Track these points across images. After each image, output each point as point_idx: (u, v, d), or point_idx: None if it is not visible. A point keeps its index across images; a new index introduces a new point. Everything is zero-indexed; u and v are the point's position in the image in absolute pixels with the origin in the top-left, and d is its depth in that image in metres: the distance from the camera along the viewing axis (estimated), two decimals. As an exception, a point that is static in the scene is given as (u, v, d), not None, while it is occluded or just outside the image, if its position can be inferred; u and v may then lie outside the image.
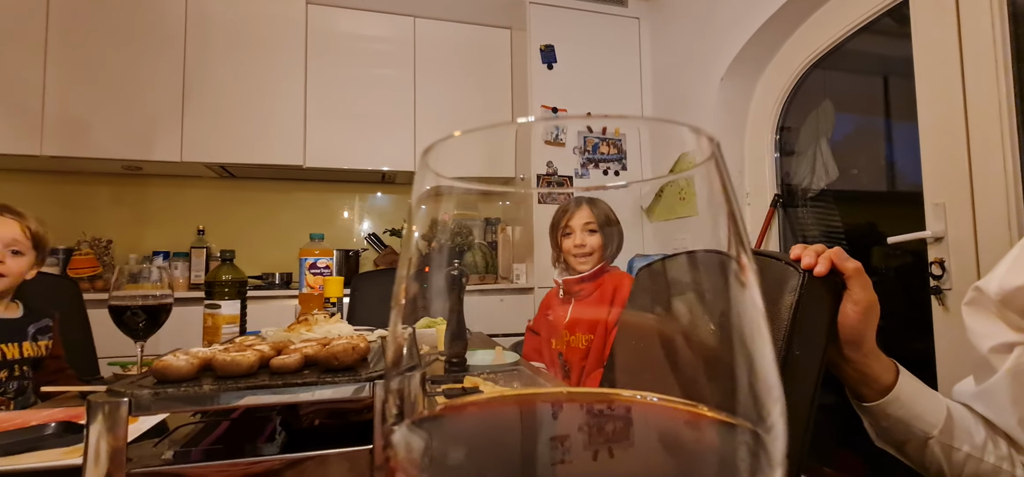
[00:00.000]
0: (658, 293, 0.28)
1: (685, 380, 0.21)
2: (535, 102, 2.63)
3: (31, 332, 1.20)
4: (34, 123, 2.28)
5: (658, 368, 0.23)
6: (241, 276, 1.24)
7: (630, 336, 0.20)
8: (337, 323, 0.90)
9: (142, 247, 2.67)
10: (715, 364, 0.22)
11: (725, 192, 0.19)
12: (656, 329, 0.26)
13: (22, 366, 1.17)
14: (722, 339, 0.21)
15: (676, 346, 0.22)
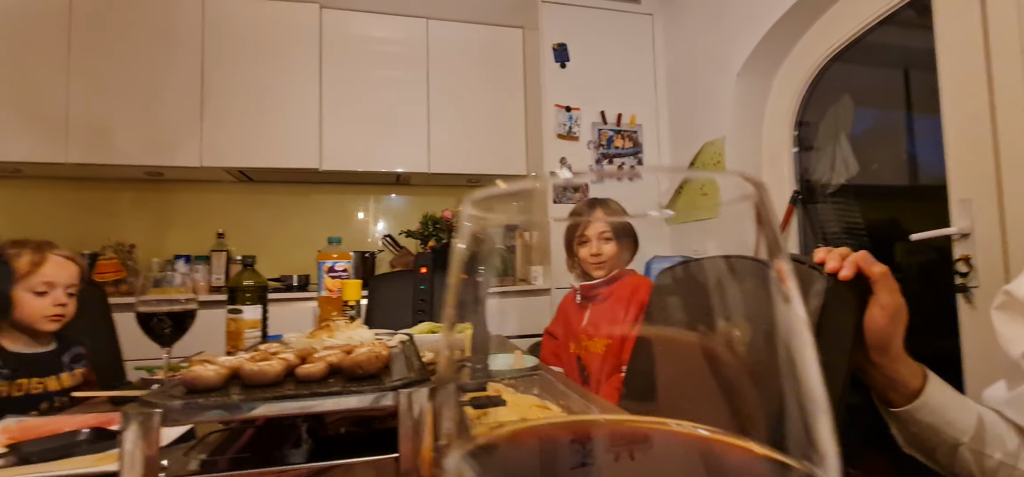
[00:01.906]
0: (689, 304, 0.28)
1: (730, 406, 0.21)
2: (548, 101, 2.63)
3: (66, 362, 1.24)
4: (59, 131, 2.33)
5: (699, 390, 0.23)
6: (262, 281, 1.26)
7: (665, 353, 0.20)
8: (357, 328, 0.91)
9: (164, 251, 2.72)
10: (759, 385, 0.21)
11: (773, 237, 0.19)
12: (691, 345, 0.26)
13: (61, 397, 1.20)
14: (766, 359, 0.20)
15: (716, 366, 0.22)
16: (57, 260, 1.23)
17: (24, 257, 1.18)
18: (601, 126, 2.68)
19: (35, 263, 1.18)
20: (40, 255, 1.20)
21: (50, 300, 1.20)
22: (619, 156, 2.70)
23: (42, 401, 1.18)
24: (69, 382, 1.24)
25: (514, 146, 2.87)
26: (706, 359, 0.23)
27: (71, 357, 1.26)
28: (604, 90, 2.70)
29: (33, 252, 1.20)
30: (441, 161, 2.77)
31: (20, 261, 1.17)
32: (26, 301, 1.18)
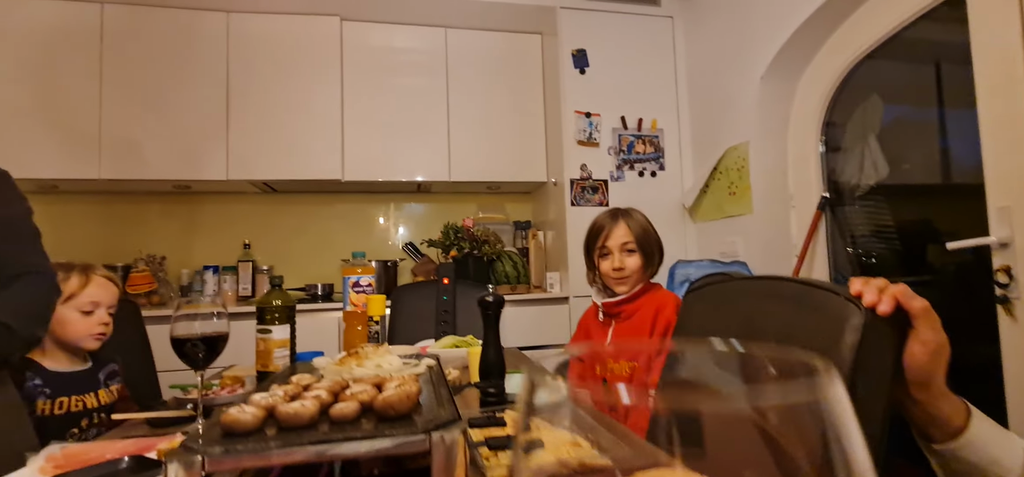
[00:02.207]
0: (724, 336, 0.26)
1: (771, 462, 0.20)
2: (568, 108, 2.62)
3: (102, 379, 1.28)
4: (92, 147, 2.41)
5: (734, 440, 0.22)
6: (290, 301, 1.28)
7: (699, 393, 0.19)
8: (385, 354, 0.91)
9: (193, 262, 2.79)
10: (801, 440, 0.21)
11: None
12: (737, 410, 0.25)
13: (99, 413, 1.24)
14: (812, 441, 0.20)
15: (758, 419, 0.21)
16: (100, 281, 1.28)
17: (73, 279, 1.22)
18: (621, 131, 2.65)
19: (82, 284, 1.23)
20: (86, 276, 1.25)
21: (95, 319, 1.25)
22: (640, 161, 2.67)
23: (82, 418, 1.22)
24: (106, 399, 1.28)
25: (534, 153, 2.86)
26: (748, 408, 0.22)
27: (106, 374, 1.30)
28: (624, 95, 2.68)
29: (80, 273, 1.24)
30: (461, 169, 2.78)
31: (70, 283, 1.21)
32: (73, 320, 1.22)
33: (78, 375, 1.25)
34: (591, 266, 1.51)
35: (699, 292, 1.02)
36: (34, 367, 1.20)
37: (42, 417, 1.16)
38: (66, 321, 1.21)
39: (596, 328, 1.48)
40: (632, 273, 1.42)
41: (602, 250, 1.46)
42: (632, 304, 1.42)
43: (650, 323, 1.35)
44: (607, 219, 1.49)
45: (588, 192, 2.61)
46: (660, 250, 1.48)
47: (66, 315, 1.21)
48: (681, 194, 2.72)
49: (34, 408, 1.15)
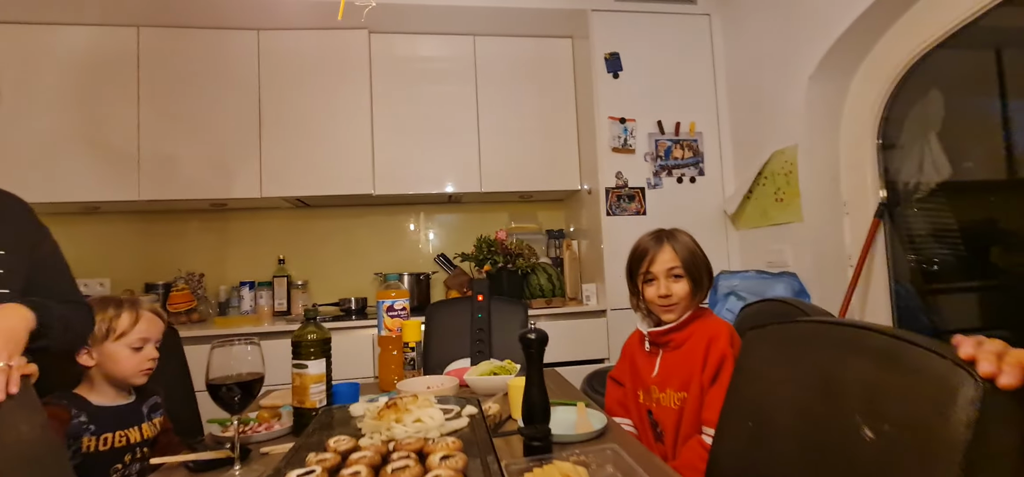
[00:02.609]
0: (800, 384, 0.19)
1: None
2: (601, 113, 2.53)
3: (145, 412, 1.27)
4: (132, 169, 2.45)
5: None
6: (325, 335, 1.24)
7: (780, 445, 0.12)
8: (425, 407, 0.86)
9: (229, 278, 2.82)
10: None
11: None
12: None
13: (142, 448, 1.23)
14: None
15: None
16: (149, 317, 1.27)
17: (124, 316, 1.22)
18: (658, 137, 2.55)
19: (133, 321, 1.22)
20: (136, 313, 1.24)
21: (144, 355, 1.25)
22: (678, 167, 2.56)
23: (125, 454, 1.21)
24: (149, 433, 1.27)
25: (567, 161, 2.79)
26: None
27: (149, 407, 1.30)
28: (660, 98, 2.57)
29: (130, 310, 1.23)
30: (492, 179, 2.72)
31: (121, 320, 1.21)
32: (124, 357, 1.21)
33: (123, 409, 1.25)
34: (635, 292, 1.42)
35: (762, 333, 0.93)
36: (80, 403, 1.20)
37: (87, 453, 1.15)
38: (118, 358, 1.21)
39: (642, 357, 1.40)
40: (680, 300, 1.33)
41: (646, 275, 1.37)
42: (681, 333, 1.33)
43: (702, 354, 1.26)
44: (651, 242, 1.39)
45: (624, 201, 2.52)
46: (709, 274, 1.38)
47: (117, 352, 1.21)
48: (722, 200, 2.60)
49: (80, 445, 1.14)
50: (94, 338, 1.19)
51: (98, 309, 1.22)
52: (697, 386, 1.24)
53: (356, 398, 1.32)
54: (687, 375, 1.27)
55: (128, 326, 1.22)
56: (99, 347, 1.20)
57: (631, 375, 1.42)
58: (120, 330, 1.21)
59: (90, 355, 1.20)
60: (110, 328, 1.20)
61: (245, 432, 1.20)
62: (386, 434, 0.80)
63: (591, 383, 2.18)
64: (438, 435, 0.81)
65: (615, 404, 1.44)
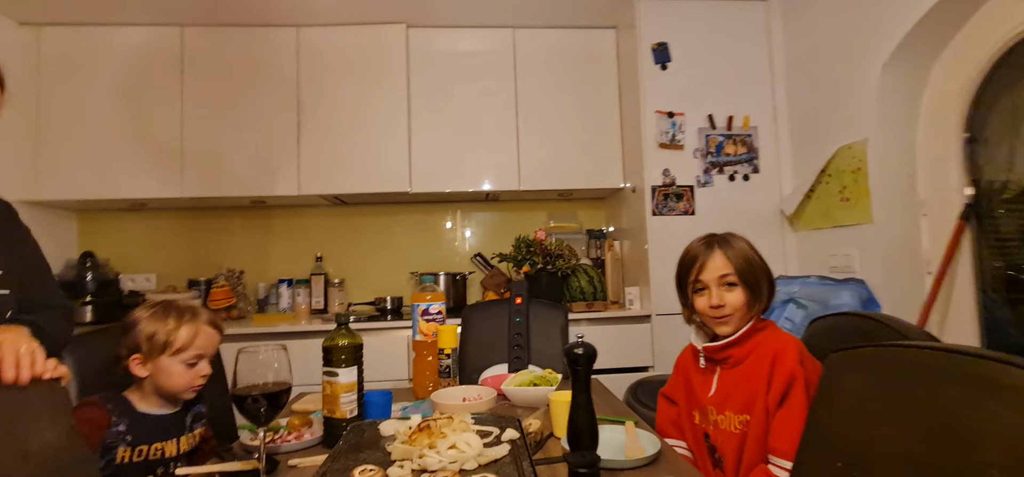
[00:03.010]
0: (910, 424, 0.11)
1: None
2: (647, 107, 2.39)
3: (188, 423, 1.24)
4: (175, 166, 2.48)
5: None
6: (357, 341, 1.18)
7: None
8: (462, 431, 0.78)
9: (268, 275, 2.83)
10: None
11: None
12: None
13: (176, 462, 1.20)
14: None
15: None
16: (208, 332, 1.23)
17: (183, 331, 1.18)
18: (709, 132, 2.39)
19: (191, 337, 1.19)
20: (195, 328, 1.20)
21: (197, 371, 1.21)
22: (731, 164, 2.40)
23: (158, 467, 1.18)
24: (187, 445, 1.24)
25: (609, 158, 2.66)
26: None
27: (193, 417, 1.26)
28: (711, 91, 2.41)
29: (189, 324, 1.20)
30: (531, 177, 2.63)
31: (179, 334, 1.17)
32: (178, 372, 1.18)
33: (166, 419, 1.21)
34: (685, 303, 1.30)
35: (851, 357, 0.80)
36: (123, 407, 1.17)
37: (121, 464, 1.12)
38: (171, 373, 1.18)
39: (697, 375, 1.27)
40: (735, 310, 1.19)
41: (696, 284, 1.24)
42: (740, 348, 1.19)
43: (766, 373, 1.12)
44: (700, 248, 1.26)
45: (672, 200, 2.37)
46: (769, 282, 1.24)
47: (172, 367, 1.18)
48: (779, 200, 2.41)
49: (114, 457, 1.11)
50: (151, 349, 1.16)
51: (158, 318, 1.18)
52: (761, 409, 1.11)
53: (388, 409, 1.26)
54: (749, 396, 1.14)
55: (186, 342, 1.18)
56: (155, 360, 1.17)
57: (685, 394, 1.29)
58: (178, 345, 1.17)
59: (144, 365, 1.17)
60: (167, 342, 1.17)
61: (274, 441, 1.15)
62: (418, 462, 0.72)
63: (636, 394, 2.05)
64: (475, 465, 0.72)
65: (668, 424, 1.32)
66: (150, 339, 1.16)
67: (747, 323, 1.19)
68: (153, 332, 1.16)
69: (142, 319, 1.18)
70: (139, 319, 1.19)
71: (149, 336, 1.16)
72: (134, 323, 1.18)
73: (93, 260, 2.55)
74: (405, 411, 1.31)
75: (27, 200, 2.41)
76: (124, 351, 1.18)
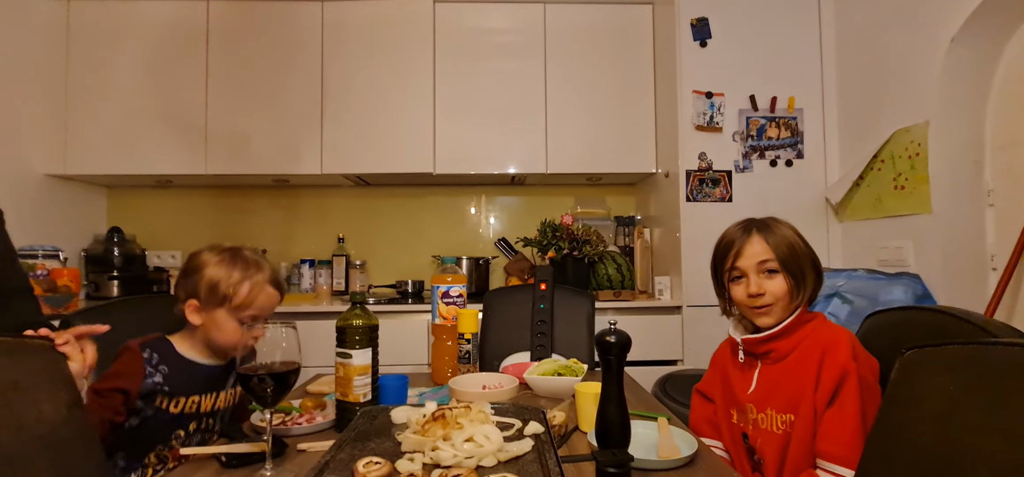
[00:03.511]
0: None
1: None
2: (685, 87, 2.25)
3: (231, 380, 1.19)
4: (199, 143, 2.47)
5: None
6: (372, 322, 1.11)
7: None
8: (480, 423, 0.70)
9: (291, 255, 2.81)
10: None
11: None
12: None
13: (209, 418, 1.15)
14: None
15: None
16: (269, 293, 1.16)
17: (245, 288, 1.11)
18: (750, 113, 2.24)
19: (254, 296, 1.12)
20: (259, 286, 1.13)
21: (251, 333, 1.14)
22: (773, 148, 2.24)
23: (191, 421, 1.13)
24: (225, 402, 1.19)
25: (641, 141, 2.53)
26: None
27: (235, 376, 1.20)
28: (754, 69, 2.25)
29: (253, 283, 1.13)
30: (559, 160, 2.52)
31: (241, 291, 1.11)
32: (230, 330, 1.11)
33: (212, 371, 1.15)
34: (721, 293, 1.19)
35: (934, 355, 0.68)
36: (166, 350, 1.11)
37: (157, 411, 1.08)
38: (224, 329, 1.11)
39: (736, 371, 1.16)
40: (776, 300, 1.07)
41: (733, 272, 1.13)
42: (784, 341, 1.08)
43: (814, 369, 1.01)
44: (737, 232, 1.15)
45: (707, 185, 2.24)
46: (816, 271, 1.12)
47: (226, 324, 1.11)
48: (824, 187, 2.25)
49: (153, 400, 1.07)
50: (210, 299, 1.10)
51: (225, 265, 1.11)
52: (808, 408, 1.00)
53: (404, 394, 1.19)
54: (794, 393, 1.03)
55: (247, 300, 1.11)
56: (211, 312, 1.11)
57: (722, 390, 1.19)
58: (238, 302, 1.11)
59: (198, 313, 1.11)
60: (227, 296, 1.10)
61: (285, 423, 1.10)
62: (430, 455, 0.64)
63: (664, 388, 1.95)
64: (495, 462, 0.64)
65: (703, 422, 1.22)
66: (211, 288, 1.10)
67: (791, 314, 1.08)
68: (216, 282, 1.10)
69: (209, 264, 1.12)
70: (206, 263, 1.12)
71: (211, 285, 1.10)
72: (199, 267, 1.12)
73: (120, 236, 2.57)
74: (422, 397, 1.25)
75: (56, 174, 2.43)
76: (182, 293, 1.12)
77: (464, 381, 1.26)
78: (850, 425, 0.94)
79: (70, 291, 2.08)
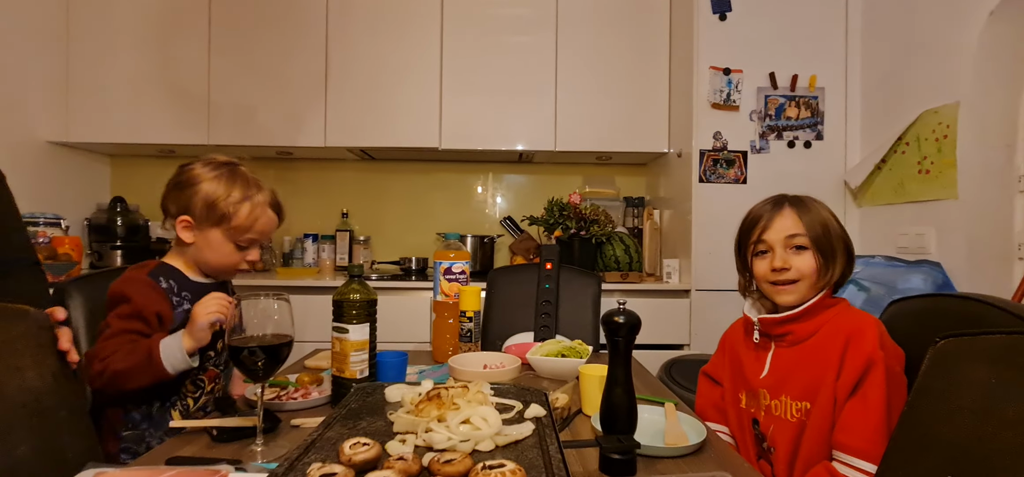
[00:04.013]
0: None
1: None
2: (702, 63, 2.16)
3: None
4: (201, 113, 2.42)
5: None
6: (371, 296, 1.07)
7: None
8: (478, 406, 0.65)
9: (294, 229, 2.78)
10: None
11: None
12: None
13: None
14: None
15: None
16: (269, 215, 1.09)
17: (245, 209, 1.04)
18: (769, 92, 2.15)
19: (253, 220, 1.06)
20: (259, 208, 1.06)
21: (246, 256, 1.08)
22: (791, 129, 2.16)
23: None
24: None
25: (654, 119, 2.45)
26: None
27: None
28: (775, 46, 2.16)
29: (253, 203, 1.05)
30: (569, 137, 2.45)
31: (241, 212, 1.04)
32: (225, 252, 1.05)
33: (211, 288, 1.09)
34: (744, 269, 1.13)
35: (969, 344, 0.63)
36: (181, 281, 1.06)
37: None
38: (217, 249, 1.04)
39: (748, 352, 1.11)
40: (801, 276, 1.01)
41: (758, 246, 1.07)
42: (805, 323, 1.02)
43: (837, 355, 0.95)
44: (766, 206, 1.09)
45: (722, 166, 2.16)
46: (848, 254, 1.06)
47: (222, 245, 1.04)
48: (843, 171, 2.17)
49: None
50: (206, 217, 1.02)
51: (223, 181, 1.03)
52: (828, 396, 0.95)
53: (403, 372, 1.15)
54: (813, 380, 0.97)
55: (246, 223, 1.04)
56: (205, 231, 1.04)
57: (732, 373, 1.14)
58: (235, 223, 1.04)
59: (190, 231, 1.04)
60: (224, 214, 1.03)
61: (280, 398, 1.07)
62: (423, 437, 0.60)
63: (669, 372, 1.91)
64: (492, 446, 0.60)
65: (709, 406, 1.18)
66: (209, 206, 1.02)
67: (815, 296, 1.02)
68: (214, 199, 1.02)
69: (204, 178, 1.03)
70: (201, 177, 1.03)
71: (209, 202, 1.02)
72: (194, 180, 1.04)
73: (123, 205, 2.54)
74: (421, 375, 1.21)
75: (59, 141, 2.40)
76: (173, 207, 1.05)
77: (464, 360, 1.23)
78: (874, 417, 0.88)
79: (71, 259, 2.07)
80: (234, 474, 0.70)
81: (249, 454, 0.82)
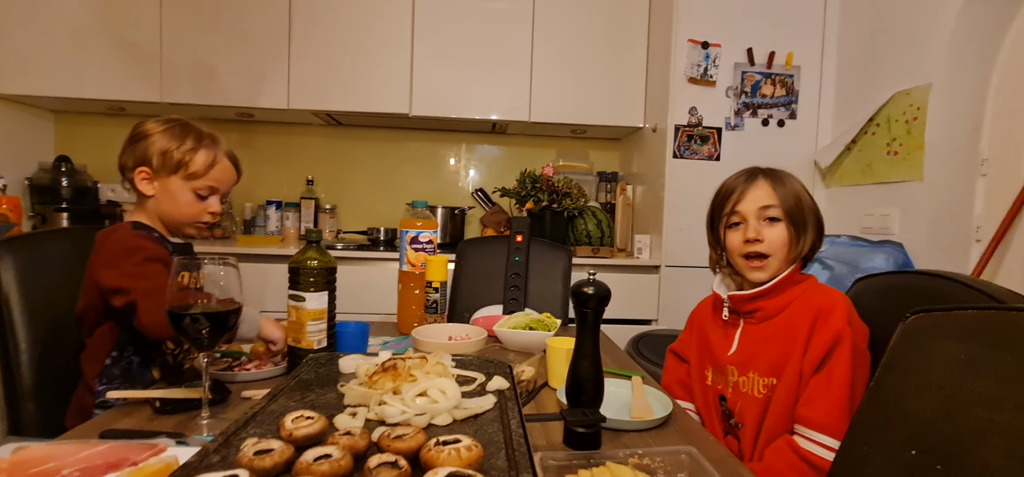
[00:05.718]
0: None
1: None
2: (680, 35, 2.12)
3: None
4: (153, 68, 2.27)
5: None
6: (329, 263, 1.01)
7: None
8: (435, 378, 0.61)
9: (256, 196, 2.66)
10: None
11: None
12: None
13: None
14: None
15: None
16: (225, 165, 1.09)
17: (201, 155, 1.04)
18: (746, 68, 2.13)
19: (208, 165, 1.05)
20: (213, 156, 1.06)
21: (207, 206, 1.07)
22: (766, 107, 2.16)
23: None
24: None
25: (630, 93, 2.41)
26: None
27: None
28: (754, 21, 2.13)
29: (208, 150, 1.05)
30: (543, 108, 2.40)
31: (197, 159, 1.04)
32: (187, 201, 1.05)
33: (181, 247, 1.10)
34: (716, 242, 1.11)
35: (938, 320, 0.62)
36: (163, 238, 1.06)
37: None
38: (178, 199, 1.04)
39: (716, 330, 1.10)
40: (774, 250, 1.00)
41: (731, 218, 1.05)
42: (774, 299, 1.02)
43: (805, 331, 0.95)
44: (740, 178, 1.07)
45: (696, 142, 2.15)
46: (819, 228, 1.05)
47: (181, 193, 1.04)
48: (814, 151, 2.19)
49: None
50: (163, 165, 1.02)
51: (175, 134, 1.03)
52: (793, 372, 0.94)
53: (364, 343, 1.10)
54: (780, 356, 0.97)
55: (202, 168, 1.04)
56: (164, 179, 1.03)
57: (698, 350, 1.13)
58: (193, 169, 1.03)
59: (151, 182, 1.03)
60: (181, 162, 1.03)
61: (232, 369, 1.01)
62: (375, 411, 0.56)
63: (637, 346, 1.91)
64: (450, 420, 0.56)
65: (675, 384, 1.17)
66: (163, 155, 1.02)
67: (784, 271, 1.01)
68: (167, 148, 1.02)
69: (154, 132, 1.03)
70: (151, 132, 1.03)
71: (162, 151, 1.02)
72: (145, 135, 1.03)
73: (69, 165, 2.38)
74: (385, 346, 1.16)
75: (-7, 92, 2.21)
76: (130, 161, 1.04)
77: (429, 331, 1.18)
78: (837, 393, 0.88)
79: (8, 220, 1.92)
80: (173, 448, 0.65)
81: (194, 427, 0.76)
